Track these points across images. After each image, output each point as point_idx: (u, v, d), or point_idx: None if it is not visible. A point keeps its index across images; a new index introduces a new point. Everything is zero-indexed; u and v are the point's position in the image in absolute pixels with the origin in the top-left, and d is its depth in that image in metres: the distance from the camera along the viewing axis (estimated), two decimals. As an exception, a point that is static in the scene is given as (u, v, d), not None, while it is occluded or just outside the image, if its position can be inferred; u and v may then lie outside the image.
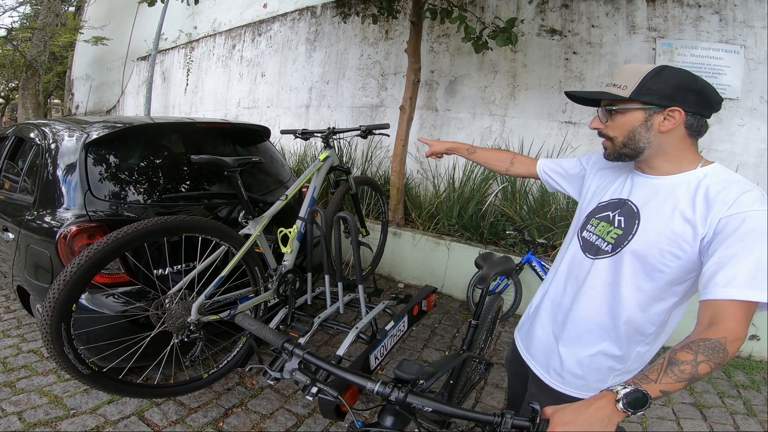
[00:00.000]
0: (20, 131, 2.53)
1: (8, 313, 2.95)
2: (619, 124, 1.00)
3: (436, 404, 0.80)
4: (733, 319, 0.81)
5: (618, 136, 1.01)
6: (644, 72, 0.96)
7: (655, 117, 0.96)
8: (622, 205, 1.06)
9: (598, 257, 1.06)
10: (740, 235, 0.85)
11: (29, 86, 9.43)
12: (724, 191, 0.91)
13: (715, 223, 0.89)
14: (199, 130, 2.48)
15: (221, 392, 2.21)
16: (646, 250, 0.97)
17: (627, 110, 0.98)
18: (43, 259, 1.88)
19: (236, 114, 6.55)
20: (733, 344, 0.79)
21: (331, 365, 0.88)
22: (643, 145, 0.99)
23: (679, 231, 0.93)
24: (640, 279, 0.99)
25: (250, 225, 1.93)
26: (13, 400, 2.05)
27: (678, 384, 0.76)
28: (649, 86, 0.95)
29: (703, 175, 0.97)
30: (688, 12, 3.42)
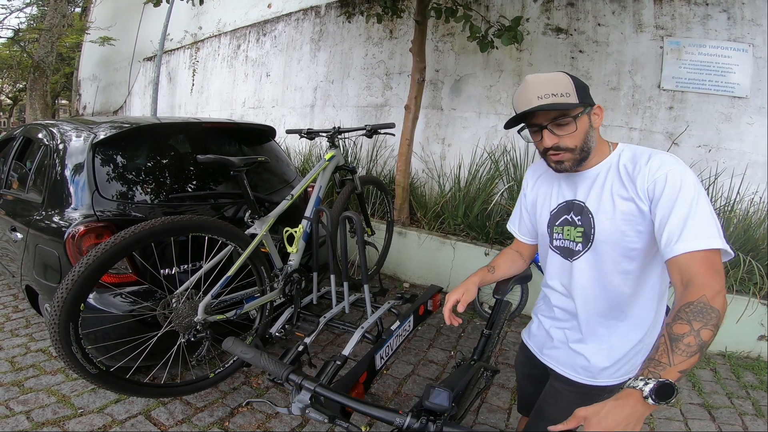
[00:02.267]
0: (28, 132, 2.55)
1: (17, 312, 2.97)
2: (578, 132, 1.02)
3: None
4: (700, 272, 0.84)
5: (577, 144, 1.03)
6: (565, 78, 1.01)
7: (592, 117, 1.04)
8: (572, 206, 1.12)
9: (574, 258, 1.12)
10: (668, 192, 0.93)
11: (37, 87, 9.51)
12: (638, 164, 1.01)
13: (645, 192, 0.97)
14: (205, 130, 2.49)
15: (227, 392, 2.22)
16: (611, 237, 1.04)
17: (580, 116, 1.01)
18: (51, 258, 1.89)
19: (241, 114, 6.57)
20: (716, 299, 0.81)
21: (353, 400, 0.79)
22: (591, 144, 1.05)
23: (626, 210, 1.01)
24: (622, 263, 1.05)
25: (256, 224, 1.94)
26: (21, 399, 2.06)
27: (691, 359, 0.76)
28: (580, 89, 1.01)
29: (618, 155, 1.07)
30: (696, 10, 3.39)
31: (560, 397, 1.16)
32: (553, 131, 1.02)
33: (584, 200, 1.08)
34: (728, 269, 2.77)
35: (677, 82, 3.45)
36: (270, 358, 0.84)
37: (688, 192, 0.91)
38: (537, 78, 1.01)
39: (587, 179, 1.09)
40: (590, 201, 1.07)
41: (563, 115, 1.00)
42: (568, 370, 1.17)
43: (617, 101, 3.66)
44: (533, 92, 0.99)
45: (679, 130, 3.45)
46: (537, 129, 1.04)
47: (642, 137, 3.58)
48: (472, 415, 2.10)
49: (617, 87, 3.66)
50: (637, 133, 3.60)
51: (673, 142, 3.46)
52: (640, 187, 0.98)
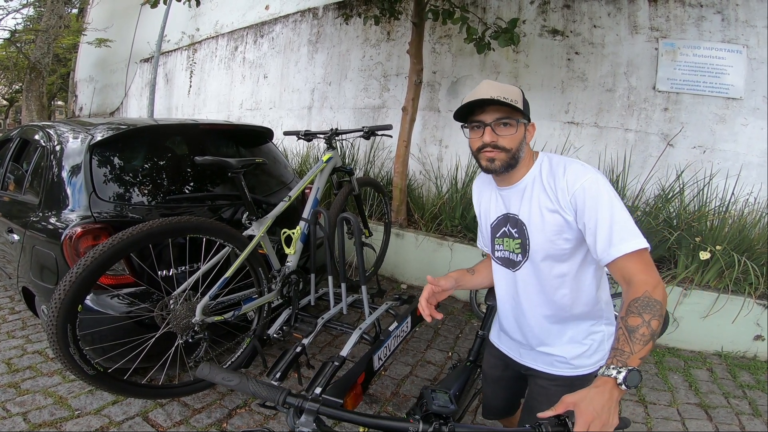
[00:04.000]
0: (25, 133, 2.54)
1: (13, 314, 2.96)
2: (515, 136, 1.09)
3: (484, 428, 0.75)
4: (636, 270, 0.96)
5: (512, 147, 1.09)
6: (518, 90, 1.10)
7: (527, 130, 1.13)
8: (508, 219, 1.19)
9: (516, 269, 1.19)
10: (590, 203, 1.02)
11: (33, 88, 9.47)
12: (556, 177, 1.08)
13: (568, 205, 1.06)
14: (202, 132, 2.49)
15: (225, 393, 2.21)
16: (544, 247, 1.11)
17: (520, 123, 1.09)
18: (48, 260, 1.89)
19: (239, 115, 6.57)
20: (656, 292, 0.93)
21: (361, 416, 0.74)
22: (521, 154, 1.12)
23: (553, 221, 1.08)
24: (555, 267, 1.13)
25: (253, 226, 1.94)
26: (18, 400, 2.05)
27: (647, 346, 0.88)
28: (525, 104, 1.10)
29: (539, 167, 1.14)
30: (690, 12, 3.42)
31: (549, 393, 1.19)
32: (494, 129, 1.09)
33: (518, 213, 1.16)
34: (723, 270, 2.79)
35: (672, 84, 3.48)
36: (258, 382, 0.75)
37: (605, 199, 1.01)
38: (493, 82, 1.10)
39: (517, 192, 1.16)
40: (522, 213, 1.15)
41: (508, 117, 1.08)
42: (548, 367, 1.23)
43: (613, 103, 3.68)
44: (488, 91, 1.07)
45: (674, 132, 3.47)
46: (479, 125, 1.10)
47: (637, 138, 3.60)
48: (471, 415, 2.11)
49: (613, 88, 3.68)
50: (633, 134, 3.62)
51: (668, 144, 3.48)
52: (563, 201, 1.06)
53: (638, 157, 3.58)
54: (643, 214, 3.24)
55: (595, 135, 3.76)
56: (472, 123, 1.12)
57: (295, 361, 1.70)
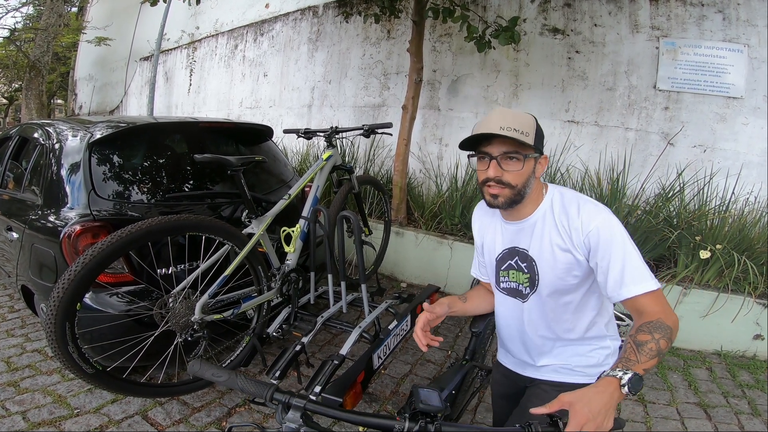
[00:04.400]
0: (24, 131, 2.54)
1: (12, 312, 2.95)
2: (521, 173, 1.05)
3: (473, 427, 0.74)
4: (651, 305, 0.97)
5: (518, 183, 1.05)
6: (531, 120, 1.05)
7: (538, 164, 1.08)
8: (516, 253, 1.17)
9: (525, 300, 1.19)
10: (603, 245, 1.02)
11: (33, 87, 9.46)
12: (569, 215, 1.07)
13: (582, 245, 1.05)
14: (202, 130, 2.49)
15: (224, 391, 2.21)
16: (552, 283, 1.11)
17: (528, 158, 1.04)
18: (47, 258, 1.89)
19: (239, 114, 6.56)
20: (669, 319, 0.94)
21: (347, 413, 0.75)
22: (527, 189, 1.08)
23: (564, 260, 1.08)
24: (562, 298, 1.13)
25: (253, 224, 1.93)
26: (17, 399, 2.05)
27: (652, 360, 0.89)
28: (538, 135, 1.05)
29: (550, 201, 1.12)
30: (692, 11, 3.41)
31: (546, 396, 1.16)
32: (500, 164, 1.04)
33: (527, 248, 1.14)
34: (723, 269, 2.79)
35: (673, 83, 3.47)
36: (247, 378, 0.76)
37: (618, 240, 1.01)
38: (506, 110, 1.05)
39: (527, 227, 1.14)
40: (533, 249, 1.13)
41: (515, 152, 1.03)
42: (552, 374, 1.22)
43: (613, 102, 3.68)
44: (497, 121, 1.02)
45: (674, 131, 3.47)
46: (486, 158, 1.06)
47: (638, 137, 3.60)
48: (470, 414, 2.11)
49: (613, 87, 3.67)
50: (633, 133, 3.62)
51: (669, 143, 3.48)
52: (576, 241, 1.05)
53: (638, 156, 3.57)
54: (643, 213, 3.23)
55: (595, 134, 3.75)
56: (478, 153, 1.08)
57: (294, 360, 1.70)
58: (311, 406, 0.73)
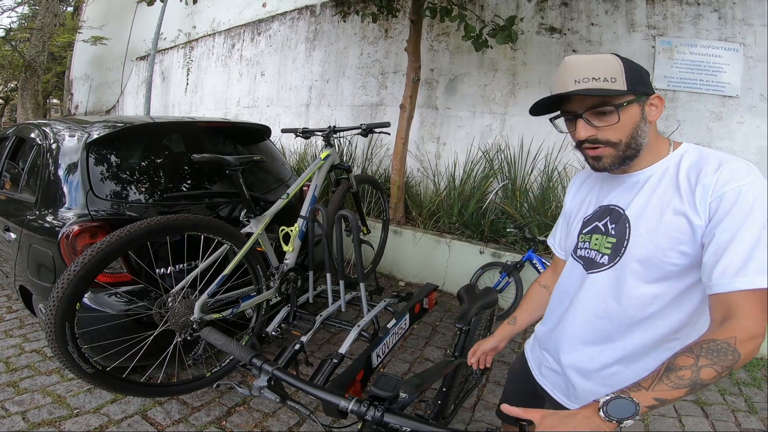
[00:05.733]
0: (21, 131, 2.53)
1: (10, 313, 2.95)
2: (623, 123, 0.85)
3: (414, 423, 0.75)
4: (748, 314, 0.72)
5: (621, 138, 0.86)
6: (613, 60, 0.85)
7: (645, 108, 0.87)
8: (609, 212, 0.94)
9: (592, 271, 0.95)
10: (737, 212, 0.76)
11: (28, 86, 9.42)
12: (703, 170, 0.82)
13: (706, 207, 0.80)
14: (199, 130, 2.49)
15: (224, 391, 2.21)
16: (648, 255, 0.86)
17: (626, 106, 0.84)
18: (45, 258, 1.89)
19: (236, 113, 6.55)
20: (746, 344, 0.70)
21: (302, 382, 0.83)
22: (642, 140, 0.88)
23: (674, 226, 0.83)
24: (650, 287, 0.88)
25: (251, 223, 1.94)
26: (17, 399, 2.05)
27: (676, 391, 0.69)
28: (633, 75, 0.84)
29: (679, 157, 0.88)
30: (688, 10, 3.42)
31: None
32: (589, 121, 0.86)
33: (625, 207, 0.91)
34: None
35: (669, 82, 3.48)
36: (237, 344, 0.89)
37: (760, 216, 0.74)
38: (577, 59, 0.85)
39: (635, 182, 0.92)
40: (631, 208, 0.90)
41: (604, 103, 0.84)
42: (562, 396, 1.05)
43: (610, 100, 3.69)
44: (570, 75, 0.84)
45: (670, 129, 3.48)
46: (572, 117, 0.89)
47: (635, 136, 3.61)
48: (468, 412, 2.12)
49: (610, 86, 3.68)
50: (630, 131, 3.63)
51: (666, 141, 3.49)
52: (700, 200, 0.80)
53: (635, 154, 3.59)
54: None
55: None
56: (565, 114, 0.90)
57: (293, 359, 1.71)
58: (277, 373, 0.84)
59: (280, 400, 0.86)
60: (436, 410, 1.50)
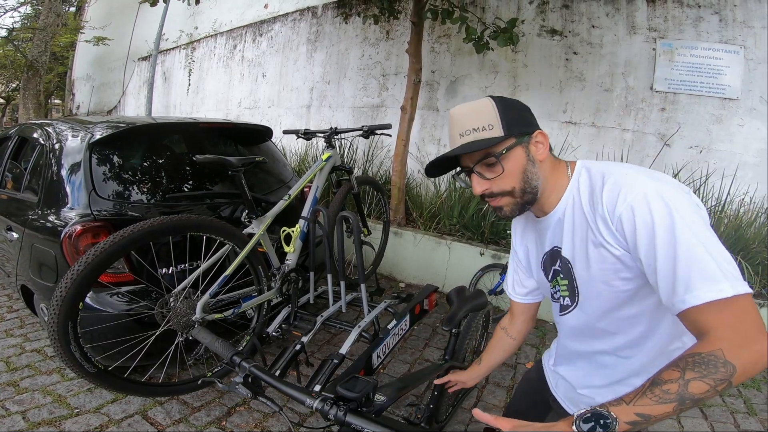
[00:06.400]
0: (23, 131, 2.54)
1: (11, 312, 2.95)
2: (510, 171, 0.84)
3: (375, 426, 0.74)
4: (722, 324, 0.66)
5: (514, 184, 0.85)
6: (488, 105, 0.84)
7: (530, 148, 0.85)
8: (554, 254, 0.95)
9: (563, 314, 0.97)
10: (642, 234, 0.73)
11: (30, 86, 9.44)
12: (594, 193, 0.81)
13: (614, 236, 0.78)
14: (201, 130, 2.49)
15: (224, 392, 2.21)
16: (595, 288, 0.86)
17: (510, 150, 0.83)
18: (47, 258, 1.89)
19: (237, 114, 6.57)
20: (737, 354, 0.63)
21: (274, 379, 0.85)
22: (536, 182, 0.86)
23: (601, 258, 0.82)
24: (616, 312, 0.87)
25: (253, 224, 1.94)
26: (17, 399, 2.05)
27: (662, 406, 0.63)
28: (509, 117, 0.83)
29: (577, 185, 0.86)
30: (688, 12, 3.43)
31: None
32: (482, 174, 0.86)
33: (561, 247, 0.91)
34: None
35: (669, 84, 3.49)
36: (221, 343, 0.94)
37: (663, 223, 0.70)
38: (459, 110, 0.86)
39: (558, 221, 0.90)
40: (565, 248, 0.90)
41: (488, 154, 0.83)
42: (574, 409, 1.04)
43: (610, 102, 3.70)
44: (456, 128, 0.85)
45: (671, 132, 3.49)
46: (468, 172, 0.89)
47: (634, 138, 3.62)
48: (468, 413, 2.12)
49: (610, 88, 3.70)
50: (630, 134, 3.64)
51: (665, 143, 3.50)
52: (605, 231, 0.79)
53: (635, 156, 3.59)
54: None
55: (592, 135, 3.77)
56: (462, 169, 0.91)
57: (294, 359, 1.71)
58: (253, 370, 0.87)
59: (251, 395, 0.88)
60: (428, 414, 1.50)
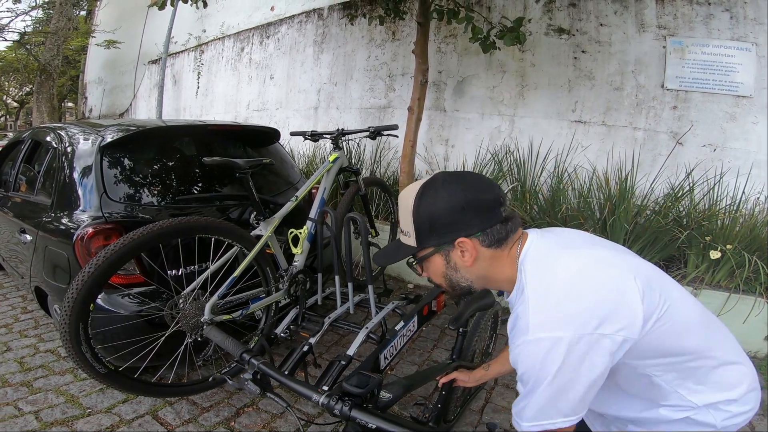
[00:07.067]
0: (36, 135, 2.58)
1: (25, 313, 3.00)
2: (432, 273, 0.88)
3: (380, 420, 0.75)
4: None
5: (441, 283, 0.89)
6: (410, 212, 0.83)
7: (452, 255, 0.84)
8: None
9: None
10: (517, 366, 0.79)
11: (44, 90, 9.60)
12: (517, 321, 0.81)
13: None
14: (210, 133, 2.52)
15: (233, 392, 2.23)
16: None
17: (426, 258, 0.86)
18: (60, 260, 1.92)
19: (246, 116, 6.61)
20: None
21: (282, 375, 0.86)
22: (465, 284, 0.87)
23: None
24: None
25: (261, 226, 1.95)
26: (30, 399, 2.08)
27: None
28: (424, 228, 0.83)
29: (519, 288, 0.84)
30: (698, 10, 3.39)
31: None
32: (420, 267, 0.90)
33: None
34: (734, 269, 2.76)
35: (681, 82, 3.45)
36: (232, 341, 0.96)
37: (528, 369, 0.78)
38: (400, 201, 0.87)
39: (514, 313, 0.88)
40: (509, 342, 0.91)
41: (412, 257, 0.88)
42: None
43: (621, 101, 3.66)
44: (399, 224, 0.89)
45: (683, 130, 3.44)
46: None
47: (646, 137, 3.58)
48: (477, 414, 2.11)
49: (621, 87, 3.66)
50: (642, 133, 3.60)
51: (678, 142, 3.45)
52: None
53: (647, 155, 3.55)
54: (652, 213, 3.22)
55: (603, 134, 3.73)
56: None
57: (302, 360, 1.71)
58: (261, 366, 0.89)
59: (260, 392, 0.89)
60: (435, 413, 1.49)
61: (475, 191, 0.81)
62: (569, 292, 0.76)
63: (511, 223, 0.84)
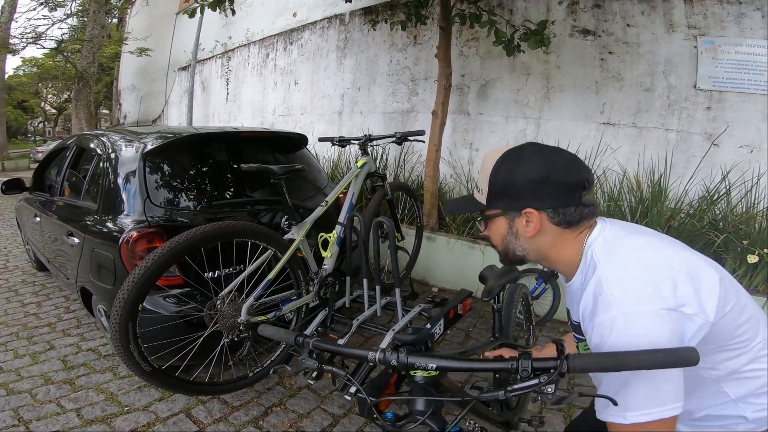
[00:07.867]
0: (81, 141, 2.72)
1: (68, 313, 3.14)
2: (492, 233, 0.89)
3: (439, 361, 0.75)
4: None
5: (497, 244, 0.90)
6: (490, 168, 0.85)
7: (516, 222, 0.85)
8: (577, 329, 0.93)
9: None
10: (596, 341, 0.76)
11: (81, 97, 10.02)
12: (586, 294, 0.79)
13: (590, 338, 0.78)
14: (242, 139, 2.60)
15: (262, 391, 2.27)
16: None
17: (491, 217, 0.87)
18: (106, 261, 2.02)
19: (272, 121, 6.75)
20: None
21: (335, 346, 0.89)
22: (521, 253, 0.88)
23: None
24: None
25: (293, 230, 2.00)
26: (72, 396, 2.16)
27: None
28: (498, 187, 0.84)
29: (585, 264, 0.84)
30: (729, 9, 3.29)
31: None
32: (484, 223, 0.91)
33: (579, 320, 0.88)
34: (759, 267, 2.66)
35: (714, 82, 3.35)
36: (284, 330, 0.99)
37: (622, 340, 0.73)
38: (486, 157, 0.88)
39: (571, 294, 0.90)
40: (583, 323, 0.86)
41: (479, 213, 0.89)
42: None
43: (652, 102, 3.58)
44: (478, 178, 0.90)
45: (718, 131, 3.34)
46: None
47: (679, 138, 3.49)
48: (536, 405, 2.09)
49: (651, 88, 3.58)
50: (674, 134, 3.51)
51: (713, 143, 3.36)
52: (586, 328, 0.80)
53: (680, 157, 3.46)
54: (686, 216, 3.14)
55: (633, 135, 3.66)
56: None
57: (330, 361, 1.75)
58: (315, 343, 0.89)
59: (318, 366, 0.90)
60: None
61: (559, 170, 0.82)
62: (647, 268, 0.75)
63: (588, 210, 0.83)
